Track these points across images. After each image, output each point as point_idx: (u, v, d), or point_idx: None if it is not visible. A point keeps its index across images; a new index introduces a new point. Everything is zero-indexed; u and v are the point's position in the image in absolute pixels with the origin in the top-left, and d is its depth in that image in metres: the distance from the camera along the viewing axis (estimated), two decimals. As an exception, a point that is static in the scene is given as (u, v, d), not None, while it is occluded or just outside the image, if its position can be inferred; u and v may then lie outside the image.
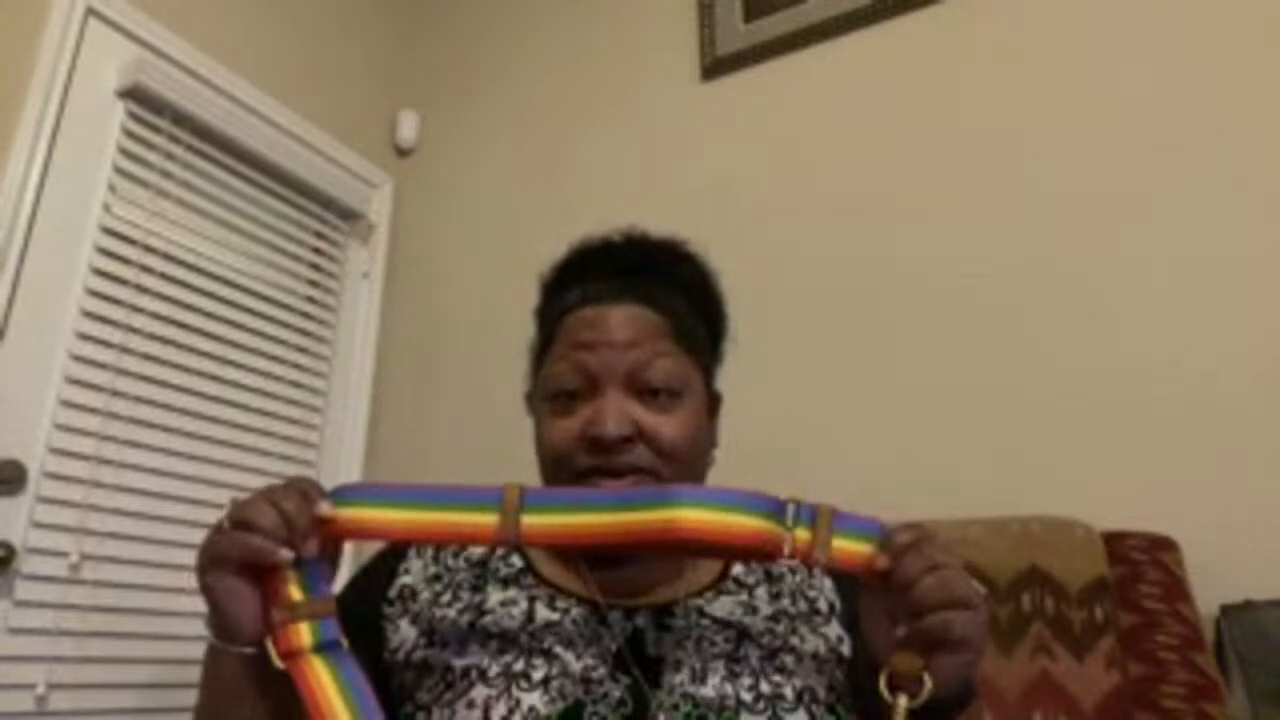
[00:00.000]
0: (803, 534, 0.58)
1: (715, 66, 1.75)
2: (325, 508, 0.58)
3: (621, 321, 0.71)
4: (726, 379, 0.83)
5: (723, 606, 0.70)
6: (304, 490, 0.59)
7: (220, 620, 0.58)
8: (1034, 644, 1.01)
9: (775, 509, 0.58)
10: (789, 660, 0.66)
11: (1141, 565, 1.06)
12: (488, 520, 0.60)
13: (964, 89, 1.48)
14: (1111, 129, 1.34)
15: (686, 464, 0.71)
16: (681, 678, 0.64)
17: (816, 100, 1.62)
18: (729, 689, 0.63)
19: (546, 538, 0.61)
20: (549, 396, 0.72)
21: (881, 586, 0.57)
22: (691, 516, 0.56)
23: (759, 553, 0.60)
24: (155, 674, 1.42)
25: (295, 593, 0.57)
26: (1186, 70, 1.31)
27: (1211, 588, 1.05)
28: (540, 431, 0.73)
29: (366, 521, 0.60)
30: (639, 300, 0.73)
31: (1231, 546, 1.08)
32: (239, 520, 0.57)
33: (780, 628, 0.69)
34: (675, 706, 0.62)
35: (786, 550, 0.58)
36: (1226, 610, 1.04)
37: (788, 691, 0.64)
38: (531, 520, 0.59)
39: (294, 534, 0.57)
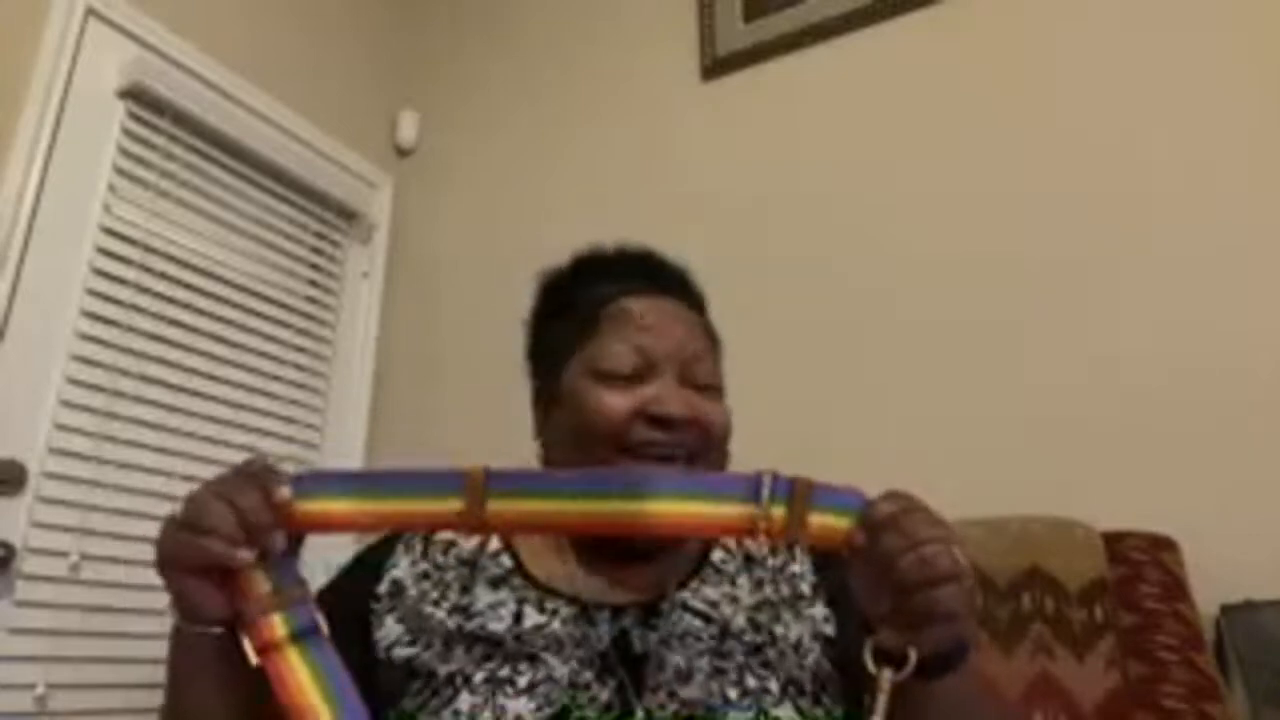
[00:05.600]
0: (778, 512, 0.56)
1: (715, 66, 1.74)
2: (284, 494, 0.56)
3: (677, 313, 0.75)
4: (725, 378, 0.83)
5: (706, 598, 0.70)
6: (262, 482, 0.57)
7: (183, 608, 0.58)
8: (1034, 644, 1.00)
9: (749, 488, 0.56)
10: (772, 654, 0.67)
11: (1141, 565, 1.05)
12: (451, 507, 0.57)
13: (963, 89, 1.48)
14: (1112, 128, 1.34)
15: (721, 455, 0.73)
16: (666, 677, 0.64)
17: (816, 100, 1.62)
18: (714, 687, 0.64)
19: (513, 525, 0.59)
20: (600, 375, 0.71)
21: (865, 559, 0.55)
22: (659, 510, 0.55)
23: (733, 535, 0.59)
24: (154, 674, 1.41)
25: (263, 584, 0.56)
26: (1188, 69, 1.31)
27: (1211, 588, 1.05)
28: (586, 404, 0.71)
29: (329, 514, 0.58)
30: (680, 300, 0.77)
31: (1231, 546, 1.08)
32: (195, 524, 0.55)
33: (763, 618, 0.69)
34: (661, 707, 0.62)
35: (761, 531, 0.56)
36: (1226, 610, 1.04)
37: (773, 685, 0.65)
38: (497, 506, 0.57)
39: (254, 532, 0.55)
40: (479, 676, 0.64)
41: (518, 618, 0.67)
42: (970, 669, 0.58)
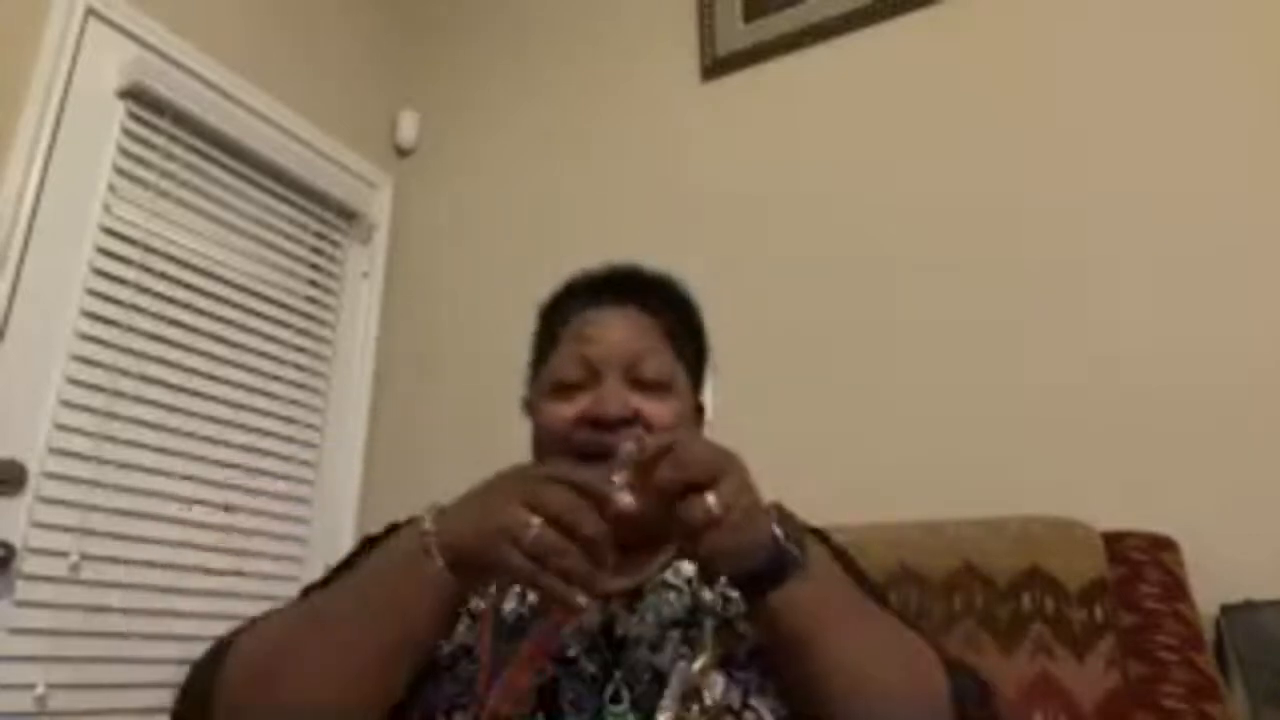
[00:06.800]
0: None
1: (715, 66, 1.74)
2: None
3: (620, 321, 0.78)
4: (725, 379, 0.83)
5: (684, 575, 0.75)
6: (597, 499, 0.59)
7: (462, 569, 0.60)
8: (1034, 644, 1.00)
9: None
10: (743, 626, 0.71)
11: (1141, 565, 1.05)
12: None
13: (963, 89, 1.48)
14: (1112, 129, 1.34)
15: None
16: (641, 650, 0.69)
17: (816, 100, 1.62)
18: (684, 653, 0.69)
19: None
20: (550, 388, 0.77)
21: None
22: None
23: None
24: (155, 674, 1.42)
25: None
26: (1188, 69, 1.31)
27: (1211, 588, 1.05)
28: (539, 418, 0.77)
29: None
30: (635, 305, 0.80)
31: (1231, 546, 1.08)
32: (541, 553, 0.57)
33: (736, 593, 0.72)
34: (638, 678, 0.68)
35: None
36: (1226, 610, 1.04)
37: (740, 652, 0.69)
38: None
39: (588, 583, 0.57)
40: (479, 648, 0.70)
41: (521, 600, 0.74)
42: (835, 596, 0.63)
